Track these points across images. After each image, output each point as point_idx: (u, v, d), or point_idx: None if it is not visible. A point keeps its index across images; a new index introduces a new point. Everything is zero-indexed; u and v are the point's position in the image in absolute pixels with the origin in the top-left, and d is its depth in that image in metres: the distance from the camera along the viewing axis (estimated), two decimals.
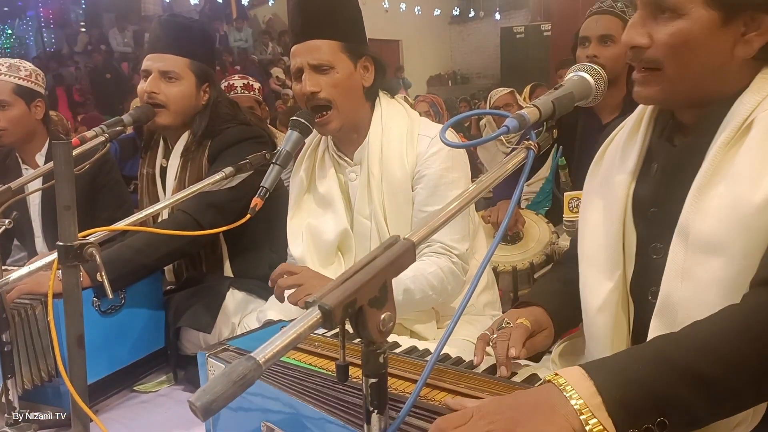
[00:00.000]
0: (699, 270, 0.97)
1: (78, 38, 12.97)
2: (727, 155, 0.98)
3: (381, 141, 1.68)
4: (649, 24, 1.00)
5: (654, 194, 1.10)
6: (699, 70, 1.00)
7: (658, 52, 0.99)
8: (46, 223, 2.43)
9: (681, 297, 0.98)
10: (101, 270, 1.13)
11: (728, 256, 0.94)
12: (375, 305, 0.68)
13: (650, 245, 1.09)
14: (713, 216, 0.96)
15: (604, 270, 1.13)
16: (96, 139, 1.68)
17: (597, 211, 1.17)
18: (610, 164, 1.18)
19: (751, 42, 0.99)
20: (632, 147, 1.14)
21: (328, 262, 1.76)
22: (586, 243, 1.18)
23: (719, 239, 0.95)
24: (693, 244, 0.98)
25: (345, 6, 1.65)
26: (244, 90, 3.48)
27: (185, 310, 1.87)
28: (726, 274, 0.94)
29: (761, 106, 0.97)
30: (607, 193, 1.15)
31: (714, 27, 0.97)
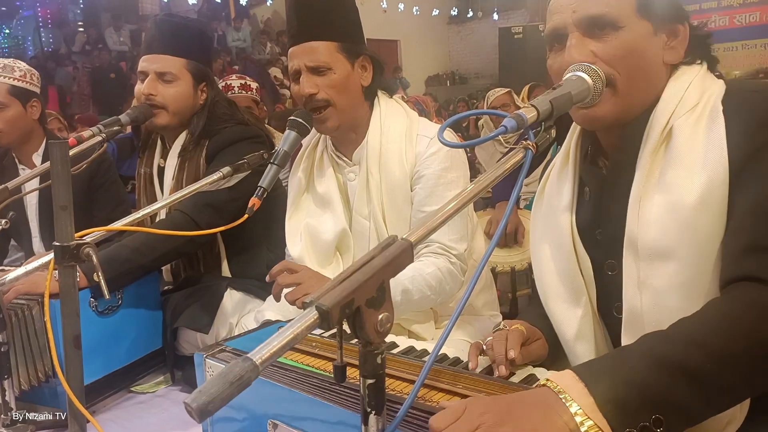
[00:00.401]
0: (654, 279, 1.00)
1: (76, 38, 12.95)
2: (655, 164, 1.03)
3: (380, 141, 1.68)
4: (588, 42, 1.04)
5: (595, 217, 1.14)
6: (644, 77, 1.06)
7: (608, 67, 1.03)
8: (43, 223, 2.43)
9: (644, 307, 1.02)
10: (98, 270, 1.12)
11: (679, 260, 0.97)
12: (373, 305, 0.68)
13: (605, 263, 1.12)
14: (656, 224, 1.00)
15: (569, 299, 1.16)
16: (93, 139, 1.67)
17: (546, 246, 1.21)
18: (549, 198, 1.23)
19: (676, 48, 1.08)
20: (565, 177, 1.19)
21: (326, 262, 1.75)
22: (545, 278, 1.21)
23: (666, 245, 0.98)
24: (643, 254, 1.01)
25: (341, 6, 1.65)
26: (241, 90, 3.48)
27: (183, 310, 1.86)
28: (682, 278, 0.97)
29: (676, 113, 1.03)
30: (553, 227, 1.19)
31: (649, 36, 1.05)
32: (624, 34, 1.02)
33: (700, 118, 1.01)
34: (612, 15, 1.02)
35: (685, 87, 1.05)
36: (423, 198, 1.64)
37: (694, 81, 1.06)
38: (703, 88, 1.06)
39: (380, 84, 1.73)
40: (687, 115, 1.03)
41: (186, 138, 2.00)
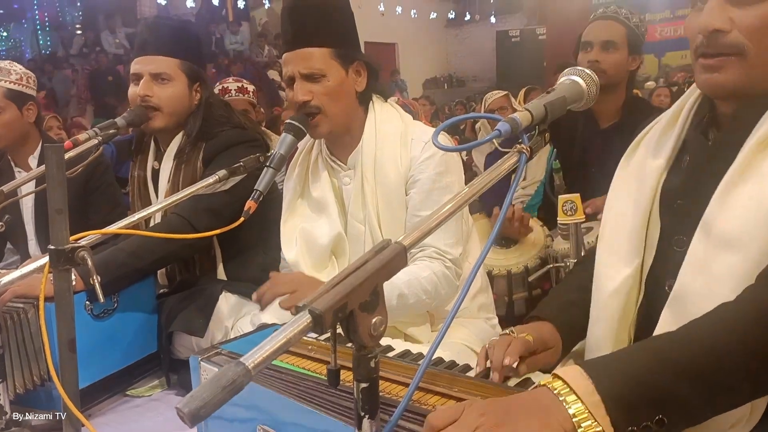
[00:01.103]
0: (716, 264, 0.97)
1: (73, 41, 12.96)
2: (760, 155, 0.98)
3: (375, 145, 1.68)
4: (728, 8, 0.99)
5: (683, 187, 1.10)
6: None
7: (742, 36, 0.98)
8: (39, 226, 2.42)
9: (695, 290, 0.99)
10: (93, 273, 1.12)
11: (745, 252, 0.94)
12: (366, 309, 0.68)
13: (673, 237, 1.09)
14: (738, 213, 0.96)
15: (623, 256, 1.13)
16: (89, 142, 1.67)
17: (624, 198, 1.17)
18: (644, 154, 1.18)
19: None
20: (668, 138, 1.14)
21: (321, 267, 1.75)
22: (608, 228, 1.18)
23: (740, 235, 0.95)
24: (714, 239, 0.98)
25: (335, 12, 1.65)
26: (238, 93, 3.47)
27: (178, 313, 1.86)
28: (741, 270, 0.94)
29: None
30: (638, 182, 1.15)
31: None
32: (765, 6, 0.96)
33: None
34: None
35: None
36: (418, 202, 1.64)
37: None
38: None
39: (375, 89, 1.73)
40: None
41: (182, 140, 2.00)
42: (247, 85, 3.57)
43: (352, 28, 1.69)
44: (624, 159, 1.23)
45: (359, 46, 1.71)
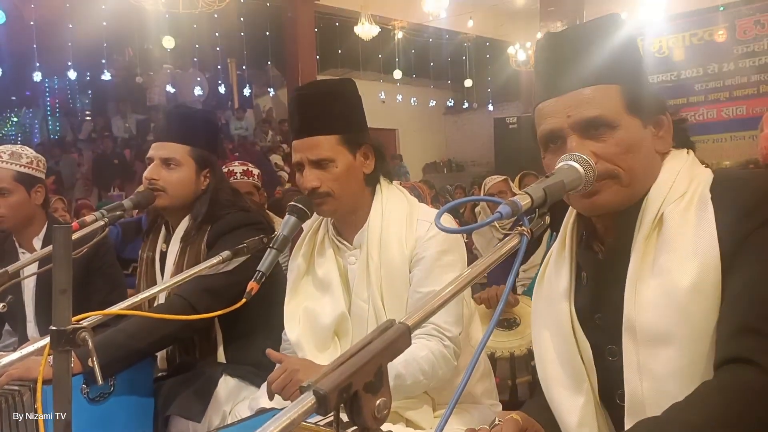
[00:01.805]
0: (654, 364, 1.01)
1: (83, 126, 13.32)
2: (648, 249, 1.06)
3: (381, 225, 1.70)
4: (587, 144, 1.09)
5: (593, 302, 1.16)
6: (643, 167, 1.10)
7: (610, 164, 1.08)
8: (39, 308, 2.41)
9: (644, 392, 1.02)
10: (93, 355, 1.11)
11: (676, 345, 0.99)
12: (370, 390, 0.67)
13: (605, 348, 1.13)
14: (652, 308, 1.02)
15: (571, 386, 1.15)
16: (96, 224, 1.69)
17: (547, 332, 1.22)
18: (548, 283, 1.25)
19: (664, 138, 1.14)
20: (562, 263, 1.21)
21: (324, 347, 1.73)
22: (546, 365, 1.21)
23: (663, 329, 1.00)
24: (641, 338, 1.03)
25: (342, 99, 1.70)
26: (243, 176, 3.54)
27: (175, 397, 1.82)
28: (680, 363, 0.99)
29: (666, 200, 1.08)
30: (552, 313, 1.20)
31: (641, 130, 1.11)
32: (620, 133, 1.08)
33: (689, 206, 1.06)
34: (606, 116, 1.08)
35: (674, 175, 1.10)
36: (420, 279, 1.65)
37: (683, 169, 1.11)
38: (691, 176, 1.10)
39: (382, 170, 1.76)
40: (677, 203, 1.07)
41: (189, 223, 2.03)
42: (252, 168, 3.64)
43: (360, 113, 1.73)
44: (534, 294, 1.30)
45: (367, 129, 1.74)
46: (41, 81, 11.06)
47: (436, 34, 13.19)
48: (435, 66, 14.45)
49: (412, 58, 13.67)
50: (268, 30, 11.92)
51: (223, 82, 13.27)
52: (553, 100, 1.13)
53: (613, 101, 1.09)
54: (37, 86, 12.49)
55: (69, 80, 11.22)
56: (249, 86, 13.55)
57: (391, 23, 11.70)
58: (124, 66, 13.17)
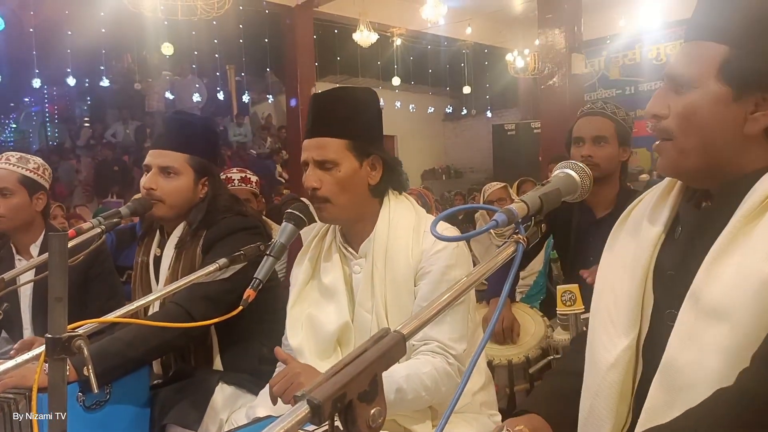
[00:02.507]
0: (705, 335, 0.97)
1: (81, 132, 13.33)
2: (745, 228, 1.00)
3: (387, 236, 1.69)
4: (670, 96, 1.07)
5: (674, 258, 1.11)
6: (706, 141, 1.04)
7: (671, 123, 1.06)
8: (35, 315, 2.41)
9: (684, 362, 0.98)
10: (88, 364, 1.11)
11: (733, 324, 0.94)
12: (365, 399, 0.67)
13: (665, 311, 1.09)
14: (724, 283, 0.97)
15: (620, 327, 1.12)
16: (92, 231, 1.69)
17: (618, 270, 1.18)
18: (635, 226, 1.20)
19: (758, 120, 1.02)
20: (661, 210, 1.16)
21: (325, 355, 1.72)
22: (602, 299, 1.18)
23: (727, 306, 0.96)
24: (702, 310, 0.99)
25: (359, 106, 1.70)
26: (241, 183, 3.55)
27: (172, 405, 1.81)
28: (730, 342, 0.94)
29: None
30: (632, 254, 1.16)
31: (724, 101, 1.02)
32: (693, 95, 1.04)
33: None
34: (689, 76, 1.04)
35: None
36: (426, 293, 1.64)
37: None
38: None
39: (392, 182, 1.74)
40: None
41: (184, 229, 2.02)
42: (250, 175, 3.64)
43: (375, 124, 1.73)
44: (612, 233, 1.25)
45: (380, 141, 1.73)
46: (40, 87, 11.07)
47: (435, 41, 13.22)
48: (433, 73, 14.48)
49: (411, 65, 13.70)
50: (267, 37, 11.94)
51: (222, 88, 13.29)
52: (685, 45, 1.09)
53: (708, 61, 1.02)
54: (36, 93, 12.51)
55: (68, 87, 11.22)
56: (248, 93, 13.57)
57: (389, 30, 11.72)
58: (123, 73, 13.18)
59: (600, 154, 2.30)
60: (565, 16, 7.88)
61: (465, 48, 13.57)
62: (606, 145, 2.31)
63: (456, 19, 11.29)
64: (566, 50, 7.72)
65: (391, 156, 1.75)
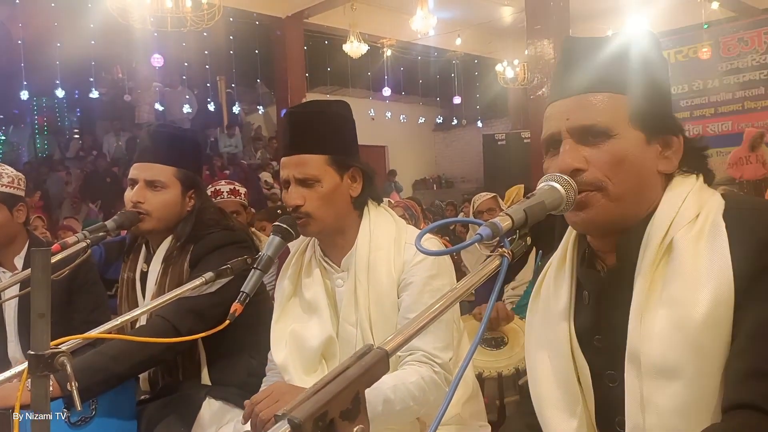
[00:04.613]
0: (658, 397, 0.97)
1: (70, 144, 13.26)
2: (656, 277, 1.02)
3: (369, 248, 1.68)
4: (581, 149, 1.06)
5: (593, 322, 1.12)
6: (637, 183, 1.06)
7: (596, 173, 1.05)
8: (21, 327, 2.37)
9: (647, 427, 0.98)
10: (71, 380, 1.09)
11: (685, 379, 0.95)
12: (347, 418, 0.66)
13: (605, 374, 1.09)
14: (660, 340, 0.98)
15: (565, 408, 1.12)
16: (77, 245, 1.68)
17: (543, 351, 1.18)
18: (545, 300, 1.20)
19: (670, 159, 1.09)
20: (562, 280, 1.17)
21: (311, 370, 1.71)
22: (540, 384, 1.17)
23: (672, 363, 0.96)
24: (646, 371, 0.99)
25: (334, 120, 1.69)
26: (230, 195, 3.54)
27: (158, 421, 1.79)
28: (686, 399, 0.95)
29: (675, 224, 1.04)
30: (550, 332, 1.16)
31: (642, 145, 1.06)
32: (616, 142, 1.05)
33: (701, 233, 1.01)
34: (604, 124, 1.05)
35: (682, 198, 1.06)
36: (409, 304, 1.63)
37: (691, 193, 1.06)
38: (700, 201, 1.06)
39: (370, 193, 1.75)
40: (687, 228, 1.02)
41: (171, 243, 2.01)
42: (238, 188, 3.64)
43: (351, 136, 1.73)
44: (529, 309, 1.25)
45: (357, 152, 1.73)
46: (29, 99, 11.03)
47: (425, 51, 13.29)
48: (424, 83, 14.55)
49: (401, 75, 13.77)
50: (257, 48, 11.97)
51: (213, 99, 13.28)
52: (558, 102, 1.10)
53: (617, 111, 1.06)
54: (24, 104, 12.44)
55: (57, 98, 11.19)
56: (238, 104, 13.57)
57: (379, 41, 11.78)
58: (113, 84, 13.15)
59: None
60: (554, 26, 7.94)
61: (455, 58, 13.66)
62: None
63: (446, 30, 11.36)
64: (555, 60, 7.77)
65: (369, 166, 1.75)
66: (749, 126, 9.02)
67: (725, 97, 10.54)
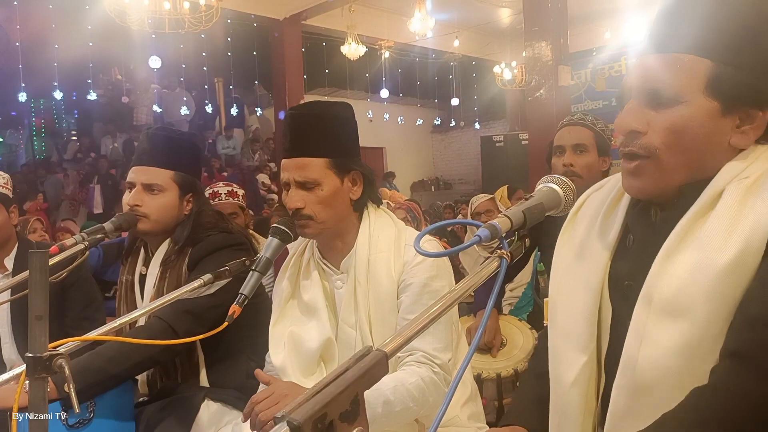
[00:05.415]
0: (660, 334, 0.95)
1: (68, 146, 13.25)
2: (696, 223, 0.98)
3: (368, 251, 1.68)
4: (645, 111, 1.02)
5: (629, 267, 1.08)
6: (695, 157, 1.01)
7: (654, 139, 1.00)
8: (16, 329, 2.37)
9: (642, 360, 0.96)
10: (69, 382, 1.09)
11: (691, 321, 0.92)
12: (346, 419, 0.66)
13: (626, 320, 1.06)
14: (677, 280, 0.95)
15: (578, 343, 1.10)
16: (75, 247, 1.68)
17: (572, 282, 1.15)
18: (585, 234, 1.16)
19: (747, 133, 1.01)
20: (613, 219, 1.13)
21: (309, 372, 1.71)
22: (558, 314, 1.15)
23: (683, 303, 0.93)
24: (656, 307, 0.96)
25: (336, 123, 1.69)
26: (228, 197, 3.54)
27: (157, 423, 1.79)
28: (688, 339, 0.92)
29: (734, 180, 0.98)
30: (584, 265, 1.13)
31: (714, 116, 0.99)
32: (682, 110, 0.99)
33: (752, 186, 0.97)
34: (674, 89, 0.99)
35: (749, 161, 1.01)
36: (408, 306, 1.63)
37: (761, 156, 1.01)
38: (766, 165, 1.00)
39: (370, 196, 1.75)
40: (740, 180, 0.98)
41: (169, 246, 2.01)
42: (237, 189, 3.64)
43: (353, 139, 1.72)
44: (560, 240, 1.22)
45: (358, 155, 1.73)
46: (27, 101, 11.02)
47: (423, 53, 13.30)
48: (422, 85, 14.55)
49: (399, 77, 13.77)
50: (255, 50, 11.96)
51: (210, 101, 13.27)
52: (644, 57, 1.04)
53: (694, 76, 0.99)
54: (22, 106, 12.43)
55: (55, 100, 11.18)
56: (237, 106, 13.57)
57: (377, 43, 11.78)
58: (111, 86, 13.14)
59: (580, 162, 2.32)
60: (552, 28, 7.95)
61: (453, 60, 13.67)
62: (586, 153, 2.33)
63: (444, 32, 11.37)
64: (553, 62, 7.78)
65: (370, 169, 1.75)
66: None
67: None
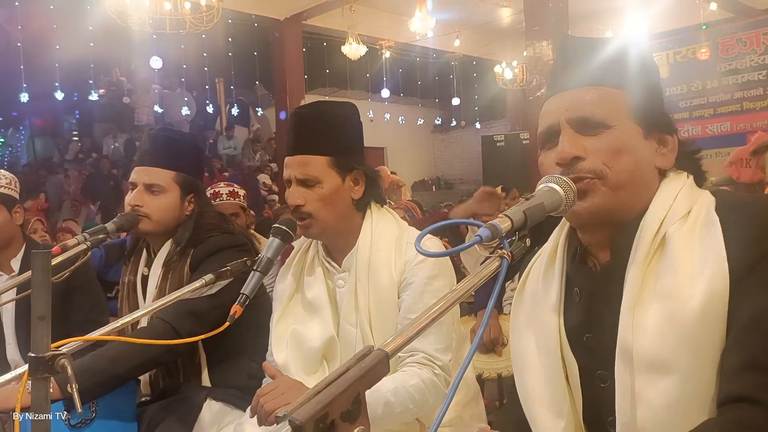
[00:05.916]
0: (650, 393, 0.96)
1: (69, 146, 13.26)
2: (649, 271, 1.01)
3: (370, 249, 1.69)
4: (579, 138, 1.07)
5: (584, 320, 1.10)
6: (635, 174, 1.06)
7: (597, 162, 1.05)
8: (19, 330, 2.37)
9: (639, 423, 0.97)
10: (72, 382, 1.09)
11: (678, 374, 0.94)
12: (348, 419, 0.66)
13: (595, 373, 1.08)
14: (653, 334, 0.97)
15: (552, 407, 1.10)
16: (78, 247, 1.68)
17: (531, 348, 1.16)
18: (532, 297, 1.19)
19: (666, 156, 1.10)
20: (552, 276, 1.16)
21: (311, 370, 1.71)
22: (528, 382, 1.15)
23: (664, 357, 0.95)
24: (638, 365, 0.98)
25: (339, 122, 1.70)
26: (229, 197, 3.54)
27: (159, 423, 1.79)
28: (680, 393, 0.94)
29: (668, 220, 1.04)
30: (538, 328, 1.15)
31: (639, 137, 1.08)
32: (615, 132, 1.06)
33: (695, 227, 1.01)
34: (603, 115, 1.06)
35: (674, 195, 1.06)
36: (409, 305, 1.64)
37: (683, 190, 1.07)
38: (692, 198, 1.06)
39: (373, 196, 1.76)
40: (680, 223, 1.02)
41: (171, 247, 2.01)
42: (238, 190, 3.64)
43: (356, 138, 1.73)
44: (514, 307, 1.24)
45: (362, 155, 1.73)
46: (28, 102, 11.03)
47: (423, 53, 13.29)
48: (422, 85, 14.55)
49: (400, 77, 13.77)
50: (255, 50, 11.97)
51: (211, 101, 13.28)
52: (556, 96, 1.12)
53: (615, 104, 1.07)
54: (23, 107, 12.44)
55: (56, 101, 11.18)
56: (240, 106, 13.57)
57: (378, 43, 11.77)
58: (112, 86, 13.15)
59: None
60: (552, 28, 7.94)
61: (453, 60, 13.66)
62: None
63: (444, 32, 11.37)
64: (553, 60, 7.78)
65: (372, 169, 1.75)
66: (747, 126, 9.00)
67: (724, 98, 10.54)
